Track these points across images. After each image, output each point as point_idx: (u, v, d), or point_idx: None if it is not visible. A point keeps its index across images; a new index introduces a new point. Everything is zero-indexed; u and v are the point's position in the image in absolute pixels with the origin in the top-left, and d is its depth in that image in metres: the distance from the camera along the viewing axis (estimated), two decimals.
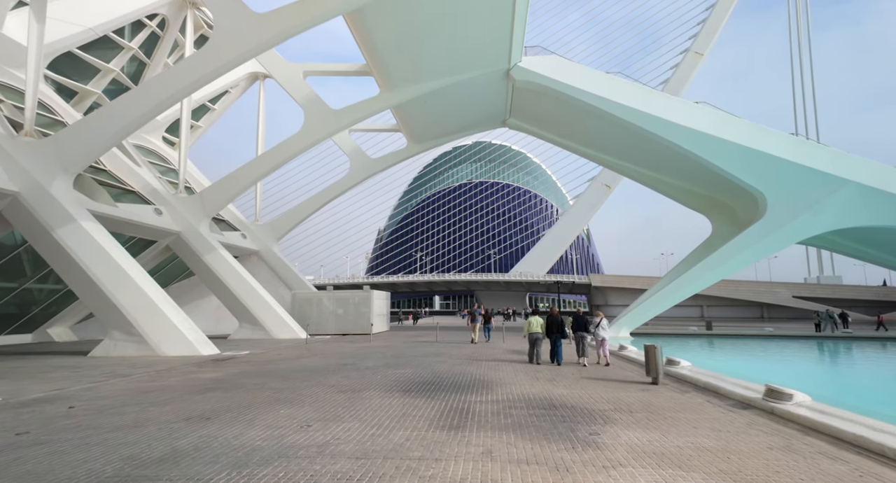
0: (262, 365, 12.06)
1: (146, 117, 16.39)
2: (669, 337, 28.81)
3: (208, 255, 23.20)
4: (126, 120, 15.92)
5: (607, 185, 79.71)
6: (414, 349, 16.27)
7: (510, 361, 12.65)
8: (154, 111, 16.34)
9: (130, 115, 15.94)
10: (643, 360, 12.40)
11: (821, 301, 59.83)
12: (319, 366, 11.62)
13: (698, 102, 22.99)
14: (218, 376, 9.93)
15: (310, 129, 24.10)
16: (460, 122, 30.21)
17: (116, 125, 15.90)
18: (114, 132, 16.00)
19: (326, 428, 5.59)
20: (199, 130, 32.72)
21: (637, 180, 28.45)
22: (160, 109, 16.51)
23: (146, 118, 16.46)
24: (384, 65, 22.40)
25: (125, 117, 15.92)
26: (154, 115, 16.65)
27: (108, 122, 15.96)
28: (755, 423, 5.97)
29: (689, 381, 9.15)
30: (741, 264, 24.18)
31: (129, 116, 15.94)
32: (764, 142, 21.84)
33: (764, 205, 22.35)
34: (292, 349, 16.69)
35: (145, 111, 16.02)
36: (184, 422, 5.92)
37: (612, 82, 23.16)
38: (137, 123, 16.45)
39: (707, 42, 73.43)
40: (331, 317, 26.16)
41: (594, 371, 10.87)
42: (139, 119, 16.18)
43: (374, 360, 12.77)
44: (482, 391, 8.12)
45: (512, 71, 23.25)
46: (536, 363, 12.05)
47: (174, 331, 15.10)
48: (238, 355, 14.81)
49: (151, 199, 23.00)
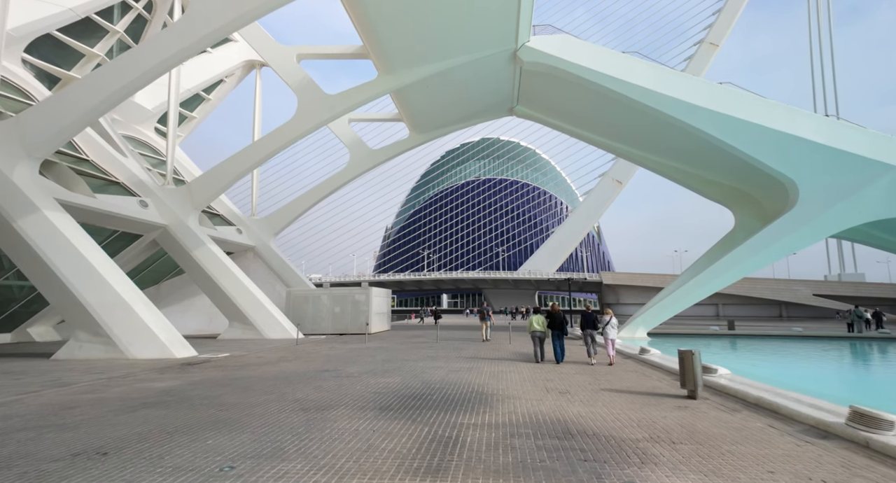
0: (232, 371, 10.58)
1: (119, 95, 14.94)
2: (689, 337, 27.00)
3: (197, 249, 21.84)
4: (97, 98, 14.51)
5: (618, 181, 77.60)
6: (410, 352, 14.71)
7: (515, 366, 11.06)
8: (127, 89, 14.89)
9: (101, 93, 14.52)
10: (669, 365, 10.77)
11: (843, 299, 57.37)
12: (296, 372, 10.11)
13: (722, 83, 21.14)
14: (170, 387, 8.44)
15: (304, 115, 22.60)
16: (465, 109, 28.56)
17: (86, 104, 14.49)
18: (83, 112, 14.61)
19: (254, 471, 4.04)
20: (193, 121, 31.43)
21: (653, 170, 26.58)
22: (134, 87, 15.04)
23: (119, 96, 15.01)
24: (382, 45, 20.85)
25: (96, 95, 14.51)
26: (128, 92, 15.18)
27: (76, 102, 14.56)
28: (851, 463, 4.32)
29: (733, 394, 7.48)
30: (768, 260, 22.29)
31: (100, 94, 14.52)
32: (796, 125, 19.93)
33: (795, 194, 20.47)
34: (278, 351, 15.22)
35: (117, 89, 14.58)
36: (69, 458, 4.41)
37: (628, 62, 21.37)
38: (110, 102, 15.01)
39: (723, 32, 71.05)
40: (327, 315, 24.71)
41: (611, 378, 9.24)
42: (111, 97, 14.73)
43: (360, 365, 11.23)
44: (478, 409, 6.53)
45: (519, 52, 21.57)
46: (540, 361, 11.89)
47: (146, 331, 13.69)
48: (214, 358, 13.37)
49: (137, 190, 21.69)
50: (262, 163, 24.13)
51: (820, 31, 77.91)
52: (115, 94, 14.73)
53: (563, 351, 12.00)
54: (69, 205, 17.07)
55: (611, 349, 11.88)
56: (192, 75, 28.73)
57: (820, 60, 77.12)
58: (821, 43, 77.77)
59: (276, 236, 31.51)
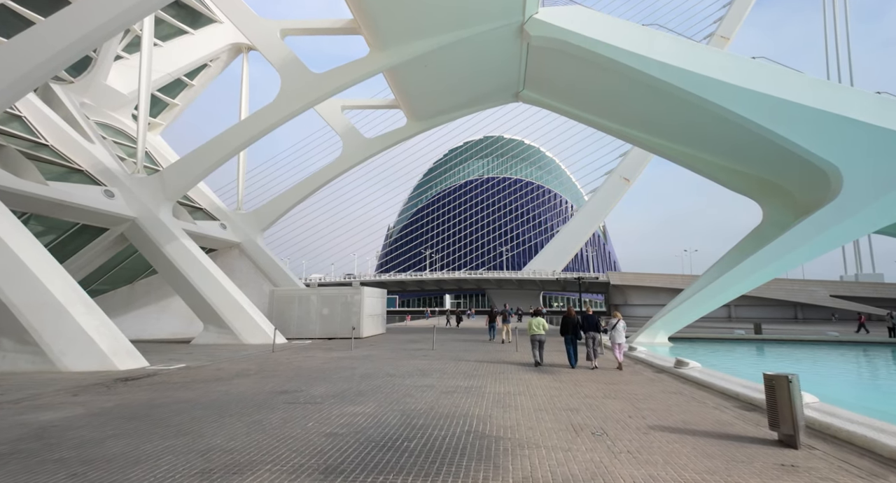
0: (167, 391, 8.35)
1: (56, 62, 12.75)
2: (711, 342, 24.71)
3: (168, 244, 19.66)
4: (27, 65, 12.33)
5: (626, 179, 75.29)
6: (399, 362, 12.44)
7: (525, 383, 8.80)
8: (66, 53, 12.70)
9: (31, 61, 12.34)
10: (720, 384, 8.48)
11: (861, 301, 54.94)
12: (243, 396, 7.86)
13: (755, 58, 18.81)
14: (55, 420, 6.19)
15: (288, 96, 20.37)
16: (467, 94, 26.30)
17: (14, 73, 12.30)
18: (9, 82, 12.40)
19: None
20: (175, 109, 29.25)
21: (674, 160, 24.19)
22: (73, 52, 12.85)
23: (53, 65, 12.81)
24: (373, 17, 18.70)
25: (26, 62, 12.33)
26: (69, 55, 12.96)
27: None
28: None
29: (848, 439, 5.16)
30: (806, 257, 19.85)
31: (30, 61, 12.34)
32: (842, 103, 17.58)
33: (838, 182, 18.07)
34: (245, 362, 12.99)
35: (53, 53, 12.40)
36: None
37: (648, 36, 19.05)
38: (43, 71, 12.80)
39: (734, 25, 68.83)
40: (315, 318, 22.49)
41: (654, 403, 6.96)
42: (47, 63, 12.54)
43: (330, 384, 8.97)
44: (477, 471, 4.27)
45: (527, 25, 19.33)
46: (540, 363, 11.80)
47: (83, 339, 11.47)
48: (162, 372, 11.14)
49: (102, 179, 19.56)
50: (243, 148, 21.97)
51: (836, 28, 75.28)
52: (49, 61, 12.49)
53: (576, 356, 11.85)
54: (13, 192, 14.95)
55: (618, 353, 11.69)
56: (172, 58, 26.59)
57: (836, 59, 74.46)
58: (837, 41, 75.14)
59: (263, 232, 29.30)
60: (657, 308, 30.77)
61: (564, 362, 12.15)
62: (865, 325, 27.63)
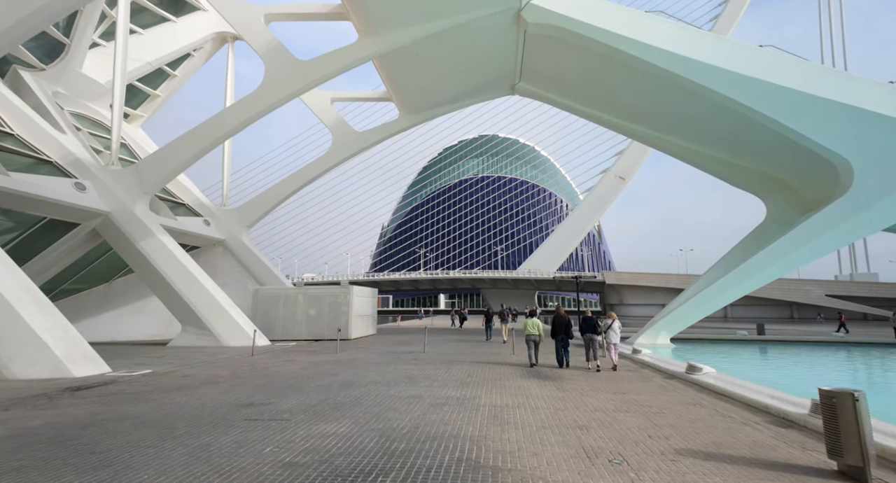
0: (117, 404, 7.29)
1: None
2: (713, 343, 23.86)
3: (144, 241, 18.53)
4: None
5: (621, 177, 74.54)
6: (385, 368, 11.41)
7: (525, 392, 7.82)
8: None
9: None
10: (744, 393, 7.54)
11: (856, 300, 54.55)
12: (203, 409, 6.81)
13: (763, 46, 17.94)
14: None
15: (272, 84, 19.27)
16: (461, 86, 25.28)
17: None
18: None
19: None
20: (157, 100, 28.03)
21: (675, 155, 23.30)
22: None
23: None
24: (362, 0, 17.65)
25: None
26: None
27: None
28: None
29: None
30: (813, 255, 18.92)
31: None
32: (853, 92, 16.75)
33: (848, 177, 17.22)
34: (218, 367, 11.91)
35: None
36: None
37: (652, 23, 18.17)
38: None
39: (730, 23, 68.23)
40: (301, 318, 21.39)
41: (675, 418, 6.00)
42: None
43: (305, 394, 7.93)
44: None
45: (524, 11, 18.36)
46: (535, 364, 11.68)
47: (34, 342, 10.35)
48: (123, 378, 10.05)
49: (73, 171, 18.39)
50: (225, 140, 20.87)
51: (832, 28, 74.96)
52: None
53: (567, 359, 11.71)
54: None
55: (613, 354, 11.62)
56: (152, 47, 25.41)
57: (832, 61, 74.10)
58: (832, 41, 74.82)
59: (249, 229, 28.16)
60: (653, 307, 30.02)
61: (546, 362, 11.79)
62: (846, 324, 27.16)
